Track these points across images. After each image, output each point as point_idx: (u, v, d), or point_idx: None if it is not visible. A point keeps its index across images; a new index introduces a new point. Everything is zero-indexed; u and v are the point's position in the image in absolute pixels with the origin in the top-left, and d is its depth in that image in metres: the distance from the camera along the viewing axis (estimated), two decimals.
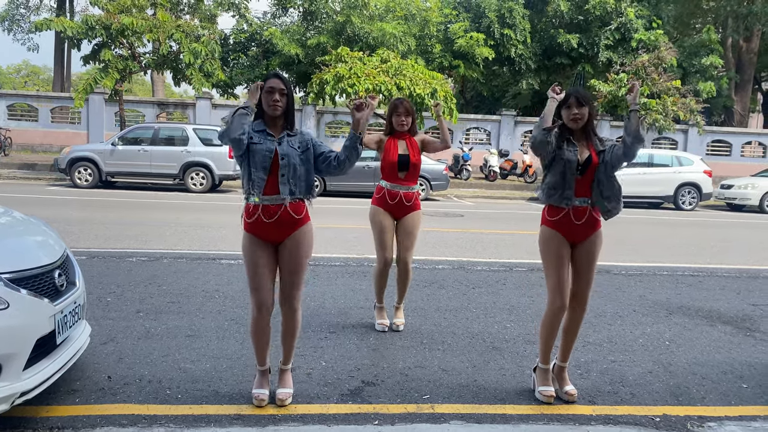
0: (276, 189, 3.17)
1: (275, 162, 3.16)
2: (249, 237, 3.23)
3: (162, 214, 10.71)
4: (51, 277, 3.03)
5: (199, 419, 3.07)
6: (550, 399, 3.46)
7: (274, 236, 3.22)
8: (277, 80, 3.18)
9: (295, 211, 3.21)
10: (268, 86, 3.16)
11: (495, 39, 25.66)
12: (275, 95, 3.15)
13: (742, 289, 6.69)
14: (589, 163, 3.40)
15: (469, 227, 10.93)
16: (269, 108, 3.17)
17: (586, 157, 3.41)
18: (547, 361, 3.55)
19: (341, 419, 3.15)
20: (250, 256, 3.22)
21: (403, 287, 4.71)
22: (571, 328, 3.55)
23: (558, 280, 3.43)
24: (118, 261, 6.58)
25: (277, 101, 3.16)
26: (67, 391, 3.29)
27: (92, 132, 22.64)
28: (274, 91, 3.15)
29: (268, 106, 3.17)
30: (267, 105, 3.17)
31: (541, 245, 3.52)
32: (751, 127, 33.58)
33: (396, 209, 4.55)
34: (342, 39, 24.15)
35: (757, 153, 26.52)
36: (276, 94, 3.15)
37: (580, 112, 3.36)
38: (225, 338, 4.28)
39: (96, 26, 17.57)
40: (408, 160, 4.53)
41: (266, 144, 3.17)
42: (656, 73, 21.65)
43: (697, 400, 3.61)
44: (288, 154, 3.18)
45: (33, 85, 56.13)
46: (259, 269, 3.19)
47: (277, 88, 3.15)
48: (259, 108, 3.21)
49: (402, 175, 4.54)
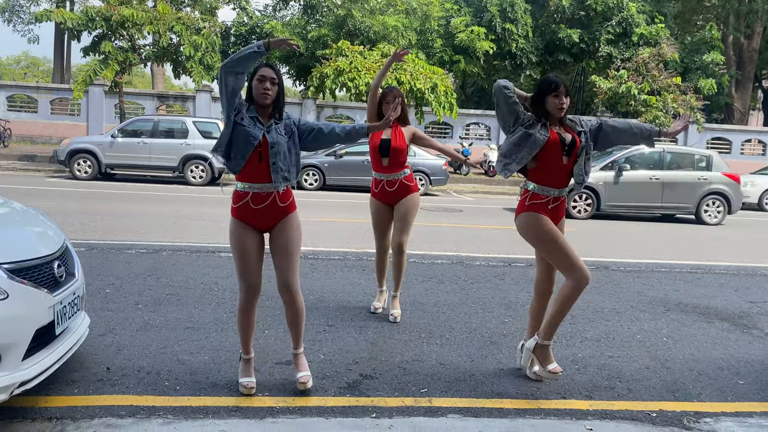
0: (267, 177, 3.19)
1: (265, 151, 3.17)
2: (236, 222, 3.26)
3: (161, 207, 10.71)
4: (50, 268, 3.04)
5: (198, 410, 3.08)
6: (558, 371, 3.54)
7: (262, 223, 3.26)
8: (269, 69, 3.19)
9: (282, 199, 3.25)
10: (260, 74, 3.18)
11: (496, 33, 25.61)
12: (266, 83, 3.17)
13: (740, 286, 6.71)
14: (573, 146, 3.46)
15: (468, 222, 10.93)
16: (259, 96, 3.18)
17: (570, 140, 3.46)
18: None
19: (339, 412, 3.16)
20: (237, 240, 3.25)
21: (399, 273, 4.78)
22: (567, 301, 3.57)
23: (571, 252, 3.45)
24: (118, 253, 6.58)
25: (268, 89, 3.17)
26: (66, 382, 3.30)
27: (92, 124, 22.60)
28: (266, 80, 3.17)
29: (258, 94, 3.18)
30: (257, 93, 3.18)
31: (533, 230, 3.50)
32: (751, 124, 33.59)
33: (387, 197, 4.66)
34: (343, 33, 24.11)
35: (756, 151, 26.52)
36: (267, 82, 3.17)
37: (567, 102, 3.45)
38: (224, 330, 4.28)
39: (96, 18, 17.52)
40: (388, 145, 4.55)
41: (253, 129, 3.16)
42: (657, 70, 21.62)
43: (693, 396, 3.63)
44: (277, 142, 3.21)
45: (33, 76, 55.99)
46: (246, 254, 3.22)
47: (268, 77, 3.17)
48: (249, 95, 3.24)
49: (385, 162, 4.60)
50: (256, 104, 3.23)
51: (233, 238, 3.26)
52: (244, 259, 3.24)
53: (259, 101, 3.20)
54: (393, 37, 23.55)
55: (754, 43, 28.17)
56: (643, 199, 12.71)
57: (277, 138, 3.21)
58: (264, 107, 3.23)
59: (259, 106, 3.22)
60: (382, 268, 4.92)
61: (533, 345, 3.62)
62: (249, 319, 3.32)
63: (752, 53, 28.31)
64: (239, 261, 3.25)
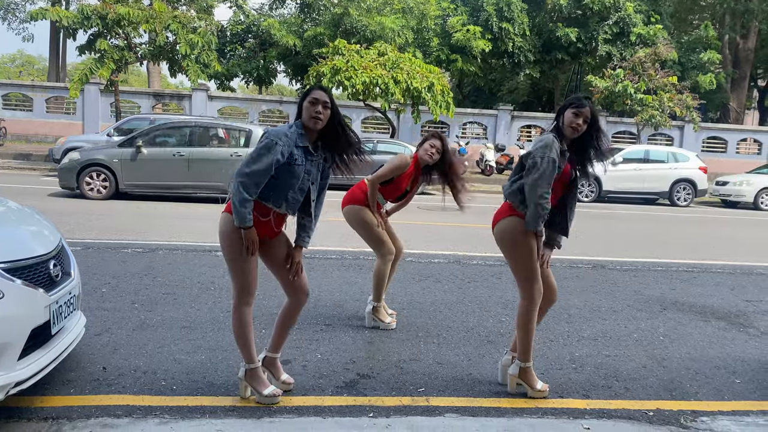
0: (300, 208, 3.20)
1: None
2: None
3: (158, 206, 10.68)
4: (46, 267, 3.02)
5: (194, 410, 3.07)
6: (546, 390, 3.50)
7: (272, 234, 3.21)
8: (322, 93, 3.05)
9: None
10: (312, 97, 3.03)
11: (493, 33, 25.64)
12: (318, 107, 3.01)
13: (736, 285, 6.73)
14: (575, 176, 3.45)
15: (464, 221, 10.92)
16: (310, 120, 3.03)
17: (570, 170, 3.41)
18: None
19: (336, 411, 3.16)
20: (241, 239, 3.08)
21: (392, 276, 4.77)
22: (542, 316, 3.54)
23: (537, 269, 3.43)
24: (114, 252, 6.56)
25: (320, 113, 3.01)
26: (62, 382, 3.29)
27: (87, 122, 22.54)
28: (318, 103, 3.02)
29: (309, 117, 3.03)
30: (308, 116, 3.03)
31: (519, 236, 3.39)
32: (747, 124, 33.69)
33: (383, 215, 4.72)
34: (339, 31, 24.09)
35: (752, 150, 26.62)
36: (319, 105, 3.02)
37: (584, 125, 3.30)
38: (220, 330, 4.27)
39: (92, 16, 17.45)
40: (404, 197, 4.64)
41: (306, 165, 3.07)
42: (653, 69, 21.66)
43: (690, 395, 3.64)
44: (317, 180, 3.19)
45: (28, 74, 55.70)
46: (254, 263, 3.14)
47: (321, 100, 3.02)
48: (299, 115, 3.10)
49: (390, 200, 4.66)
50: (305, 127, 3.09)
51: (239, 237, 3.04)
52: (254, 270, 3.11)
53: (309, 125, 3.05)
54: (390, 37, 23.53)
55: (750, 43, 28.26)
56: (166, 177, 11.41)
57: (317, 175, 3.17)
58: (312, 132, 3.10)
59: (308, 129, 3.09)
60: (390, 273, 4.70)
61: (517, 371, 3.50)
62: (248, 324, 3.18)
63: (748, 52, 28.40)
64: (249, 272, 3.08)
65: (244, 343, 3.18)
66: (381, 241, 4.49)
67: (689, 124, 23.64)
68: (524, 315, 3.43)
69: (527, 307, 3.42)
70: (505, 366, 3.61)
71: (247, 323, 3.16)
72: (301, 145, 3.05)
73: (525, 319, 3.43)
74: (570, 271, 6.87)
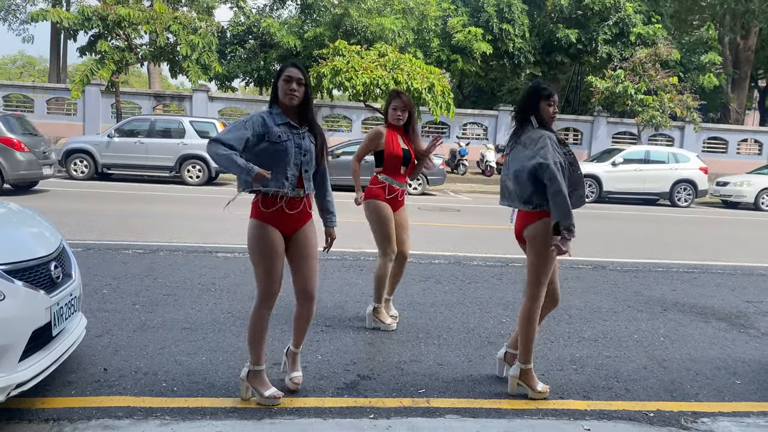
0: (301, 183, 3.16)
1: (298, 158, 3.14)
2: (264, 227, 3.12)
3: (158, 207, 10.69)
4: (47, 268, 3.02)
5: (195, 412, 3.07)
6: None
7: (290, 228, 3.19)
8: (296, 70, 3.10)
9: (309, 204, 3.26)
10: (286, 75, 3.08)
11: (493, 34, 25.63)
12: (293, 84, 3.07)
13: (737, 286, 6.72)
14: None
15: (465, 222, 10.94)
16: (285, 97, 3.09)
17: None
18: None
19: (337, 412, 3.16)
20: (270, 245, 3.11)
21: (398, 281, 4.71)
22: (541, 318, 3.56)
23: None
24: (114, 253, 6.56)
25: (295, 90, 3.07)
26: (63, 383, 3.29)
27: (88, 123, 22.54)
28: (292, 80, 3.07)
29: (284, 95, 3.09)
30: (283, 94, 3.09)
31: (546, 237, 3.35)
32: (747, 124, 33.67)
33: (395, 204, 4.53)
34: (340, 32, 24.08)
35: (752, 150, 26.60)
36: (294, 83, 3.07)
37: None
38: (221, 331, 4.28)
39: (92, 17, 17.49)
40: (410, 156, 4.48)
41: (294, 139, 3.11)
42: (653, 70, 21.66)
43: (691, 396, 3.64)
44: (309, 150, 3.17)
45: (29, 75, 55.76)
46: (278, 259, 3.14)
47: (294, 77, 3.07)
48: (275, 95, 3.16)
49: (402, 170, 4.50)
50: (282, 106, 3.14)
51: (265, 243, 3.10)
52: (275, 264, 3.11)
53: (285, 102, 3.10)
54: (390, 38, 23.54)
55: (750, 43, 28.24)
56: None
57: (309, 146, 3.17)
58: (291, 108, 3.14)
59: (285, 107, 3.15)
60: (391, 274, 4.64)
61: (517, 372, 3.50)
62: (265, 327, 3.20)
63: (748, 53, 28.38)
64: (269, 266, 3.11)
65: (256, 345, 3.21)
66: (388, 240, 4.47)
67: (690, 124, 23.63)
68: (527, 316, 3.45)
69: (531, 309, 3.45)
70: (501, 360, 3.69)
71: (263, 326, 3.19)
72: (281, 123, 3.10)
73: (527, 320, 3.45)
74: (571, 272, 6.86)
